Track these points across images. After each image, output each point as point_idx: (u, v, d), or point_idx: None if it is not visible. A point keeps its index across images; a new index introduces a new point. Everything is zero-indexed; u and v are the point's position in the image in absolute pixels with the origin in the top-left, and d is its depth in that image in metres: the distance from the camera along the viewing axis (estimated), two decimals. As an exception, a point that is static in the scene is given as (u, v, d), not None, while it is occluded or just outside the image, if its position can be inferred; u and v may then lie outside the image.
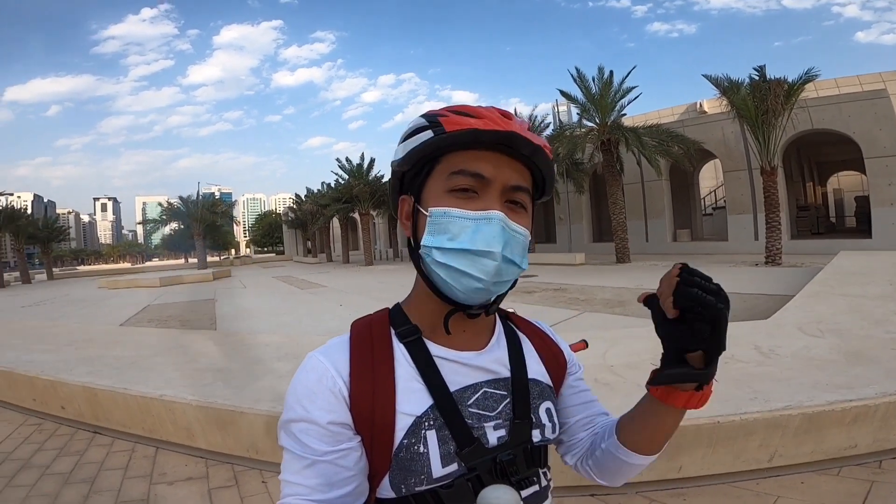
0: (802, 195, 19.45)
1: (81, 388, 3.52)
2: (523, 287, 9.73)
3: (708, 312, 0.49)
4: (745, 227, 15.52)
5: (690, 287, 0.50)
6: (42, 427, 3.64)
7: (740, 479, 2.25)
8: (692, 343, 0.53)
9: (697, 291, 0.49)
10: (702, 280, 0.50)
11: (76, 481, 2.73)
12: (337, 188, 25.33)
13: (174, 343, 5.00)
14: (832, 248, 11.81)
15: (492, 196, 0.57)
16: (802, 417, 2.24)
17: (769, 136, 11.34)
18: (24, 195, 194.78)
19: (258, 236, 72.19)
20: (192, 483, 2.64)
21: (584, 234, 20.47)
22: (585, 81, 14.58)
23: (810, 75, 11.06)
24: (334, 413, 0.56)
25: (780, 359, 3.10)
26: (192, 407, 2.97)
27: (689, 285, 0.50)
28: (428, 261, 0.58)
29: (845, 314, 4.31)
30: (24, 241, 27.71)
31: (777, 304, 5.38)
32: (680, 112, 23.78)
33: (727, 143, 15.68)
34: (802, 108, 12.36)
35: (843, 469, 2.27)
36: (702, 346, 0.53)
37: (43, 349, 4.86)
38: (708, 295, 0.49)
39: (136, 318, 8.99)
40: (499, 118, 0.58)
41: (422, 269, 0.61)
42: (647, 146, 14.00)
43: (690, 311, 0.50)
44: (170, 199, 34.91)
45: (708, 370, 0.54)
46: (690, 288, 0.50)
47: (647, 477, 2.24)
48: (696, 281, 0.50)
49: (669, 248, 17.39)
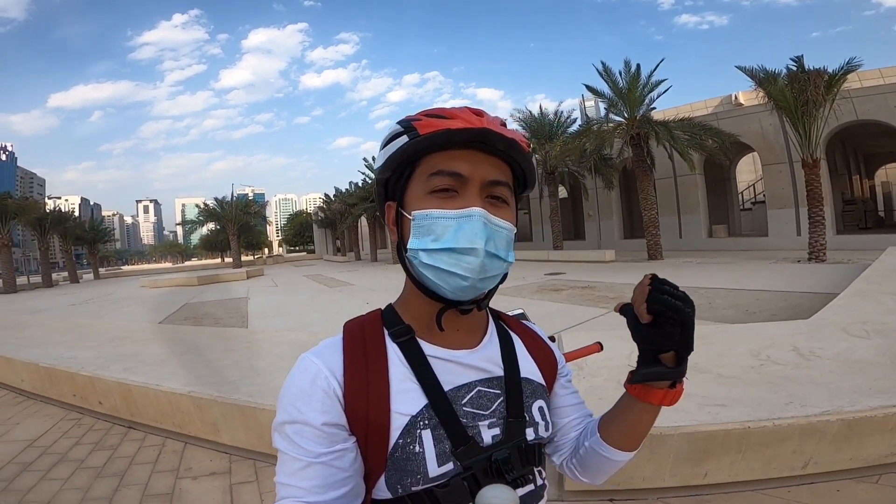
0: (848, 188, 18.50)
1: (117, 384, 3.67)
2: (551, 285, 9.59)
3: (678, 316, 0.55)
4: (787, 222, 14.86)
5: (661, 294, 0.55)
6: (81, 422, 3.82)
7: (770, 487, 2.13)
8: (665, 344, 0.58)
9: (668, 298, 0.55)
10: (671, 288, 0.56)
11: (107, 475, 2.84)
12: (364, 187, 25.67)
13: (207, 341, 5.15)
14: (881, 243, 11.12)
15: (471, 193, 0.57)
16: (842, 423, 2.11)
17: (810, 127, 10.91)
18: (71, 198, 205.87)
19: (290, 235, 73.90)
20: (215, 478, 2.71)
21: (615, 231, 20.06)
22: (612, 76, 14.25)
23: (852, 65, 10.63)
24: (328, 414, 0.56)
25: (821, 361, 2.93)
26: (217, 403, 3.05)
27: (660, 293, 0.56)
28: (416, 263, 0.59)
29: (893, 314, 4.04)
30: (71, 243, 29.27)
31: (820, 302, 5.10)
32: (714, 105, 22.95)
33: (766, 136, 15.06)
34: (846, 99, 11.83)
35: (882, 477, 2.12)
36: (673, 347, 0.58)
37: (86, 346, 5.10)
38: (677, 301, 0.55)
39: (174, 317, 9.35)
40: (471, 117, 0.59)
41: (410, 272, 0.62)
42: (679, 140, 13.58)
43: (662, 315, 0.56)
44: (206, 201, 36.18)
45: (679, 368, 0.60)
46: (661, 295, 0.55)
47: (669, 483, 2.15)
48: (667, 289, 0.56)
49: (705, 244, 16.84)
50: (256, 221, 38.96)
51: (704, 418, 2.16)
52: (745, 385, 2.58)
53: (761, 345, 3.30)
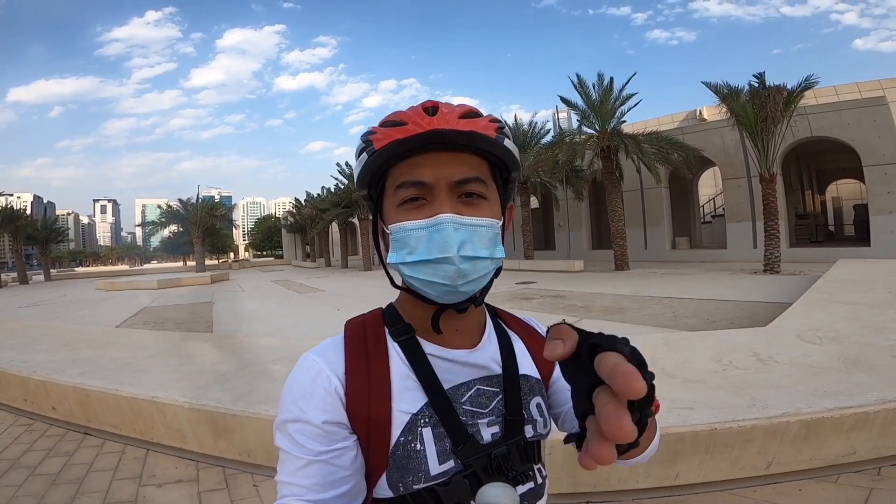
0: (801, 203, 19.49)
1: (73, 388, 3.49)
2: (522, 294, 9.71)
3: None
4: (744, 234, 15.52)
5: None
6: (32, 427, 3.61)
7: (738, 487, 2.22)
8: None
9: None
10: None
11: (64, 482, 2.69)
12: (337, 193, 25.37)
13: (169, 345, 4.96)
14: (830, 256, 11.78)
15: (440, 198, 0.56)
16: (801, 424, 2.22)
17: (768, 143, 11.34)
18: (24, 195, 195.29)
19: (257, 240, 72.24)
20: (182, 486, 2.60)
21: (584, 241, 20.47)
22: (586, 88, 14.59)
23: (810, 82, 11.04)
24: (330, 412, 0.56)
25: (779, 366, 3.07)
26: (184, 409, 2.94)
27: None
28: (401, 273, 0.59)
29: (844, 322, 4.29)
30: (22, 242, 27.71)
31: (775, 311, 5.35)
32: (680, 119, 23.87)
33: (726, 151, 15.71)
34: (802, 116, 12.35)
35: (841, 476, 2.24)
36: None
37: (38, 350, 4.82)
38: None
39: (132, 321, 8.95)
40: (422, 117, 0.55)
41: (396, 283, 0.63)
42: (647, 153, 14.02)
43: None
44: (169, 202, 34.91)
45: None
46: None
47: (643, 484, 2.21)
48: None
49: (668, 255, 17.38)
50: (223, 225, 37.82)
51: (674, 421, 2.23)
52: (711, 389, 2.69)
53: (723, 351, 3.43)
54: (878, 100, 13.61)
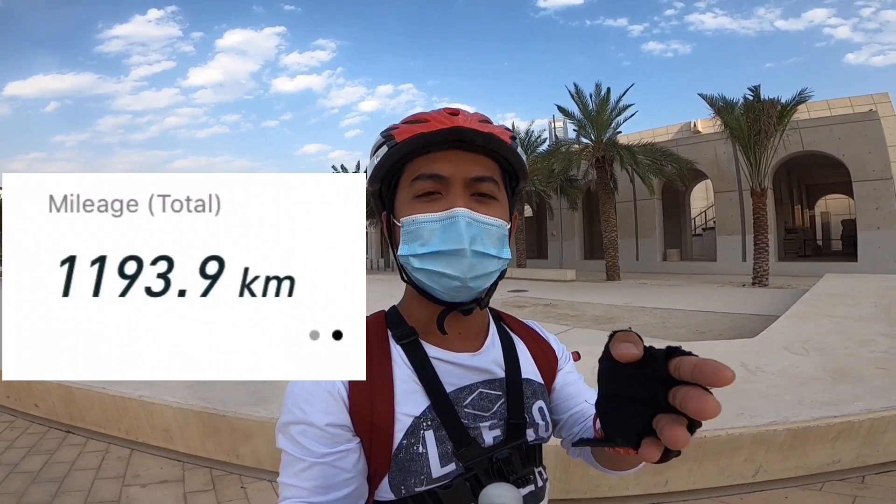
0: (790, 218, 19.73)
1: (57, 385, 3.43)
2: (514, 302, 9.72)
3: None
4: (734, 248, 15.65)
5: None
6: (13, 424, 3.54)
7: (725, 494, 2.24)
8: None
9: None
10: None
11: (44, 480, 2.65)
12: (331, 196, 25.34)
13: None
14: (818, 270, 11.92)
15: (455, 193, 0.57)
16: (787, 433, 2.24)
17: (760, 157, 11.41)
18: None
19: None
20: (167, 486, 2.57)
21: (576, 251, 20.55)
22: (583, 98, 14.66)
23: (803, 96, 11.05)
24: (333, 415, 0.56)
25: (767, 376, 3.10)
26: (171, 409, 2.90)
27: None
28: (409, 269, 0.59)
29: (830, 334, 4.35)
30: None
31: (764, 323, 5.41)
32: (674, 131, 24.09)
33: (719, 164, 15.86)
34: (794, 130, 12.42)
35: (826, 484, 2.27)
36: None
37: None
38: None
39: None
40: (445, 117, 0.58)
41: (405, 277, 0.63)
42: (642, 165, 14.12)
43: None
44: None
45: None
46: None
47: (632, 491, 2.22)
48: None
49: (659, 267, 17.49)
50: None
51: (663, 427, 2.25)
52: (700, 397, 2.71)
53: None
54: (870, 115, 13.68)
